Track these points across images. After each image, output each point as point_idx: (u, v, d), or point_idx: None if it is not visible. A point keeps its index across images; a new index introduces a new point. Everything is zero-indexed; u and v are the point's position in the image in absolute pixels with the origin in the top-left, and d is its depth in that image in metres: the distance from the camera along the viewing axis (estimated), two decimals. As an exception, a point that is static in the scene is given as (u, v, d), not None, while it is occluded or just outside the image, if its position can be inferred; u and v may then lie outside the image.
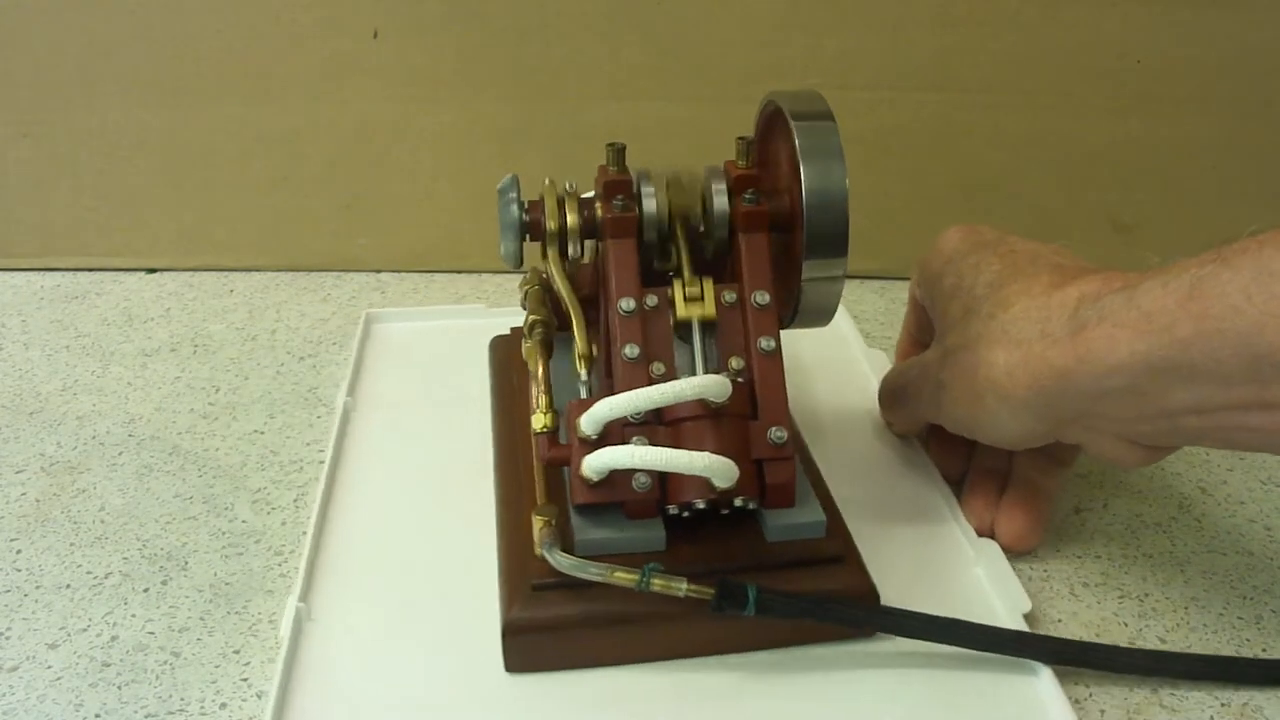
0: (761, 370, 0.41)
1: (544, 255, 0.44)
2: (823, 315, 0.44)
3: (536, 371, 0.42)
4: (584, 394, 0.41)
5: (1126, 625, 0.42)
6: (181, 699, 0.39)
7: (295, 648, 0.40)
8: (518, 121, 0.67)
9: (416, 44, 0.66)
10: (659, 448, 0.37)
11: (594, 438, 0.39)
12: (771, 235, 0.43)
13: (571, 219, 0.43)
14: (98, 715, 0.39)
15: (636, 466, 0.38)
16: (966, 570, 0.44)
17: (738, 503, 0.39)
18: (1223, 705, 0.39)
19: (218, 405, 0.57)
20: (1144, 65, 0.64)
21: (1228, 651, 0.41)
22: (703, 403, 0.39)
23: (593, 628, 0.39)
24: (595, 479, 0.39)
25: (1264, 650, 0.41)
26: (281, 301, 0.68)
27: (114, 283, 0.71)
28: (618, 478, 0.39)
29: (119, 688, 0.40)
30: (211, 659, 0.41)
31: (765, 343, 0.41)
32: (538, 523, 0.39)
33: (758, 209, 0.42)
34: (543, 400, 0.41)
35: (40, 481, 0.51)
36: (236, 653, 0.41)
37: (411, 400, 0.56)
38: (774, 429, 0.40)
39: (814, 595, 0.39)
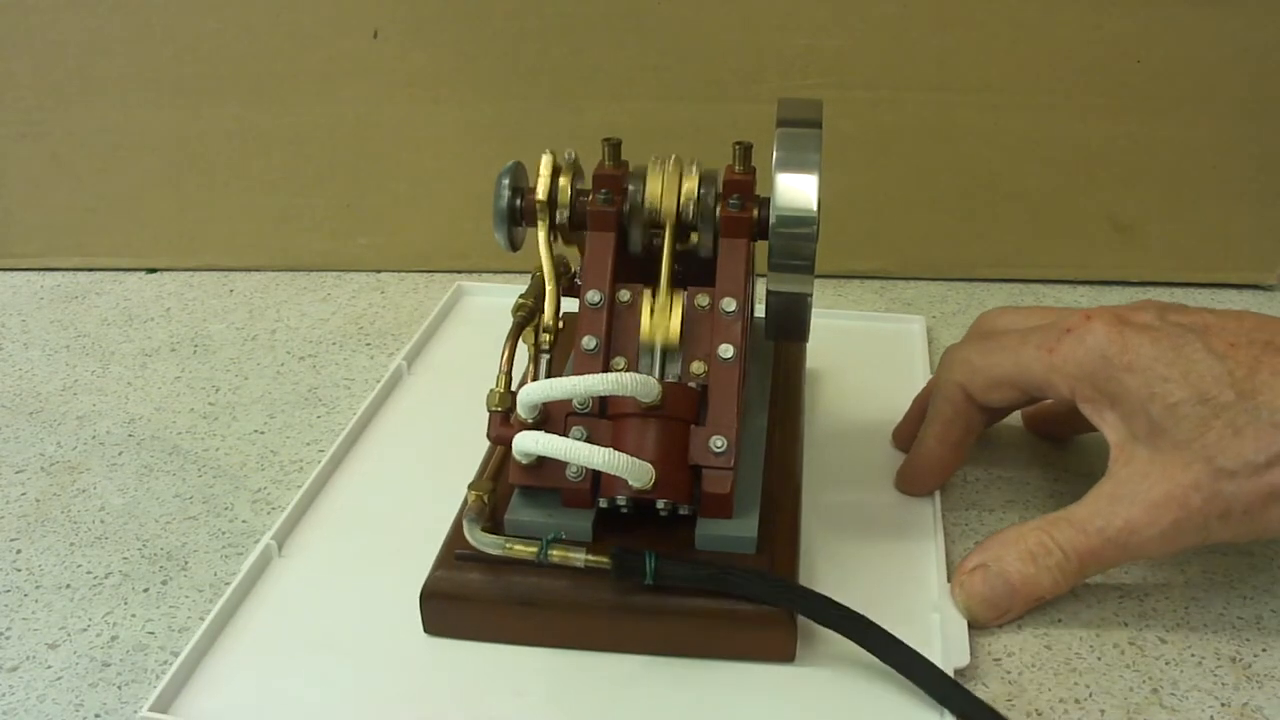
0: (716, 378, 0.41)
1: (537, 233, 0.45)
2: (795, 329, 0.44)
3: (503, 352, 0.43)
4: (540, 378, 0.42)
5: (1127, 625, 0.42)
6: (181, 699, 0.39)
7: (255, 577, 0.44)
8: (518, 121, 0.67)
9: (416, 44, 0.66)
10: (563, 438, 0.38)
11: (530, 421, 0.40)
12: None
13: (564, 187, 0.43)
14: (98, 715, 0.39)
15: (540, 453, 0.39)
16: (924, 614, 0.42)
17: (660, 505, 0.39)
18: (1223, 705, 0.39)
19: (218, 405, 0.57)
20: (1144, 65, 0.64)
21: (1228, 652, 0.41)
22: (653, 402, 0.39)
23: (505, 604, 0.40)
24: (524, 462, 0.40)
25: (1264, 650, 0.41)
26: (281, 301, 0.68)
27: (114, 283, 0.71)
28: (552, 464, 0.40)
29: (119, 688, 0.40)
30: (211, 659, 0.41)
31: (724, 350, 0.41)
32: (470, 496, 0.41)
33: (739, 215, 0.42)
34: (501, 380, 0.42)
35: (40, 481, 0.51)
36: (236, 653, 0.41)
37: (468, 371, 0.55)
38: (716, 438, 0.40)
39: (715, 565, 0.39)
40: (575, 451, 0.38)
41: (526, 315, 0.44)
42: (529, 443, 0.39)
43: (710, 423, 0.40)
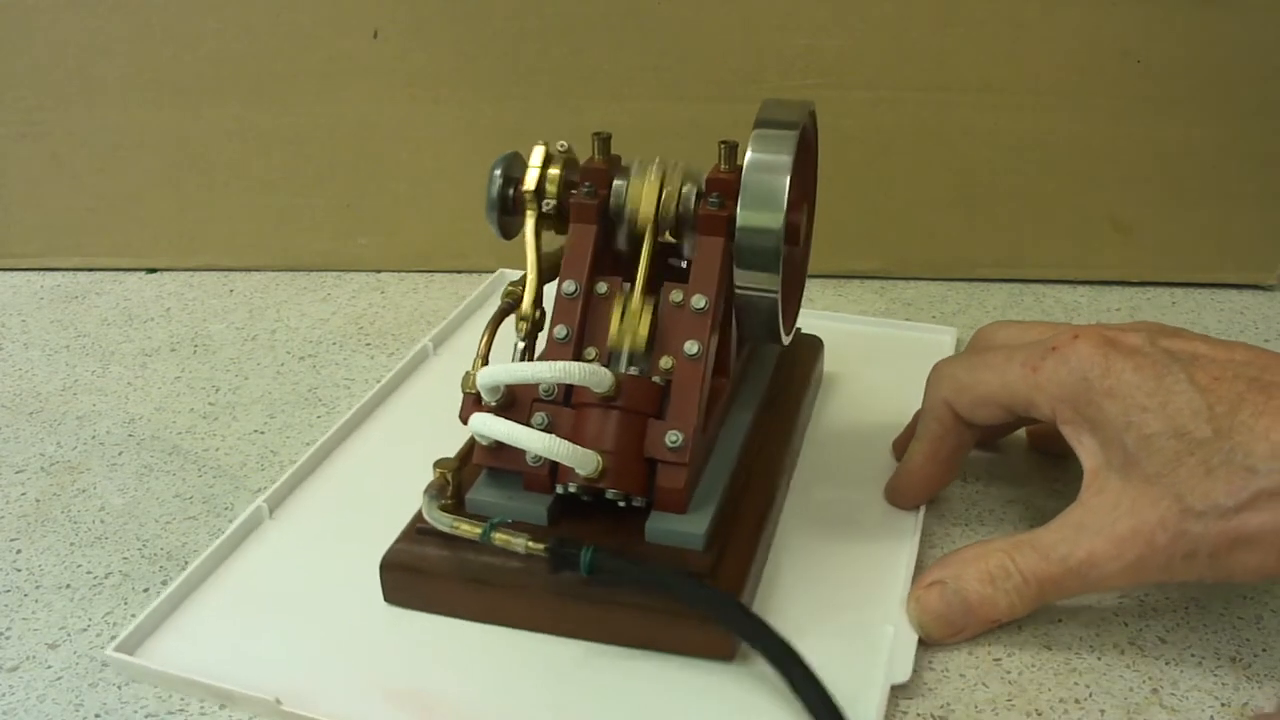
0: (680, 373, 0.41)
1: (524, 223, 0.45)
2: (764, 329, 0.44)
3: (483, 336, 0.44)
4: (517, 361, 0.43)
5: (1127, 625, 0.42)
6: (181, 699, 0.39)
7: (242, 536, 0.46)
8: (518, 121, 0.67)
9: (417, 44, 0.66)
10: (507, 422, 0.39)
11: (492, 403, 0.41)
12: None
13: (553, 177, 0.44)
14: (98, 715, 0.38)
15: (486, 435, 0.40)
16: (877, 624, 0.41)
17: (610, 494, 0.40)
18: (1223, 705, 0.39)
19: (218, 405, 0.57)
20: (1144, 65, 0.64)
21: (1228, 652, 0.41)
22: (606, 393, 0.40)
23: (458, 581, 0.41)
24: (484, 443, 0.41)
25: (1264, 650, 0.41)
26: (281, 301, 0.68)
27: (114, 283, 0.71)
28: (514, 448, 0.40)
29: (119, 688, 0.40)
30: (211, 659, 0.41)
31: (690, 346, 0.41)
32: (435, 473, 0.42)
33: (716, 213, 0.42)
34: (478, 364, 0.43)
35: (40, 481, 0.51)
36: (236, 653, 0.41)
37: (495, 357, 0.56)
38: (671, 433, 0.40)
39: (653, 566, 0.39)
40: (516, 435, 0.39)
41: (513, 301, 0.45)
42: (478, 424, 0.40)
43: (669, 417, 0.41)
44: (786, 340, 0.46)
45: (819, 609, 0.42)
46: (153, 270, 0.72)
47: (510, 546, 0.39)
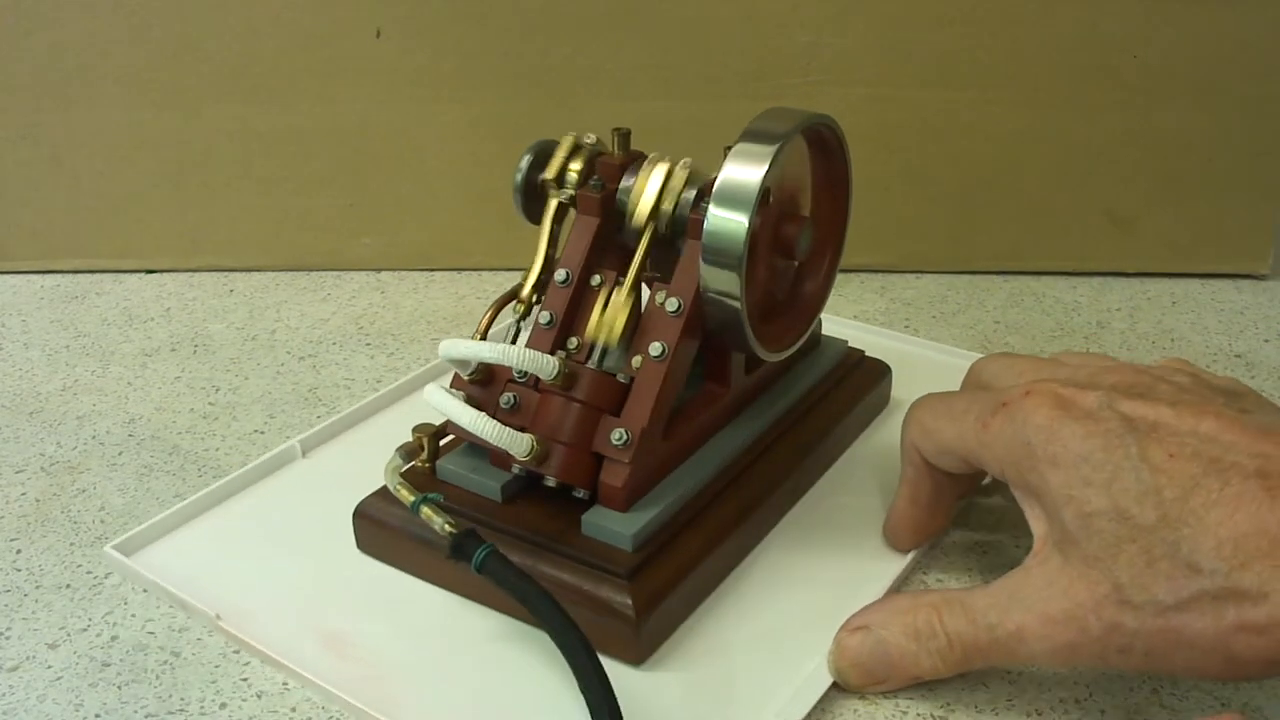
0: (643, 373, 0.42)
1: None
2: (731, 338, 0.43)
3: (485, 314, 0.45)
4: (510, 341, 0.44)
5: (1126, 624, 0.42)
6: (181, 699, 0.39)
7: (269, 469, 0.50)
8: (520, 120, 0.67)
9: (419, 44, 0.66)
10: (444, 393, 0.40)
11: (466, 378, 0.43)
12: None
13: (573, 169, 0.45)
14: (98, 715, 0.39)
15: (429, 403, 0.41)
16: (800, 657, 0.39)
17: (549, 482, 0.41)
18: (1223, 705, 0.38)
19: (218, 405, 0.57)
20: (1141, 60, 0.64)
21: (1228, 650, 0.41)
22: (555, 382, 0.41)
23: (413, 540, 0.43)
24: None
25: (1264, 649, 0.41)
26: (281, 301, 0.68)
27: (114, 283, 0.71)
28: None
29: (119, 688, 0.40)
30: (211, 659, 0.41)
31: (654, 348, 0.42)
32: (412, 436, 0.43)
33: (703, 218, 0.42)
34: (476, 339, 0.43)
35: (40, 481, 0.51)
36: (236, 652, 0.41)
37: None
38: (618, 430, 0.41)
39: (529, 583, 0.38)
40: (449, 407, 0.40)
41: (519, 290, 0.45)
42: (427, 393, 0.41)
43: (623, 415, 0.41)
44: (768, 356, 0.45)
45: (758, 630, 0.41)
46: (153, 270, 0.72)
47: (431, 523, 0.39)
